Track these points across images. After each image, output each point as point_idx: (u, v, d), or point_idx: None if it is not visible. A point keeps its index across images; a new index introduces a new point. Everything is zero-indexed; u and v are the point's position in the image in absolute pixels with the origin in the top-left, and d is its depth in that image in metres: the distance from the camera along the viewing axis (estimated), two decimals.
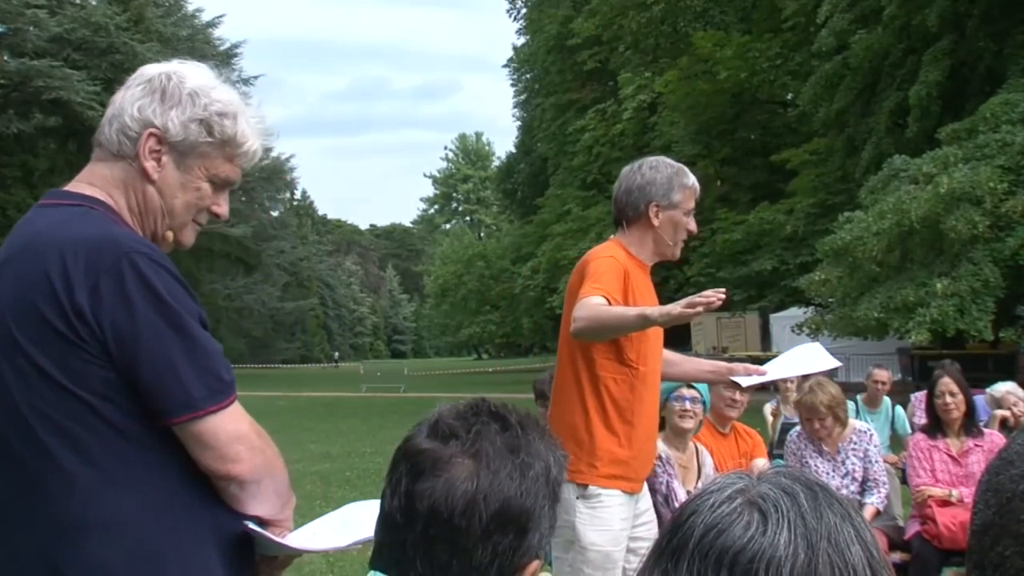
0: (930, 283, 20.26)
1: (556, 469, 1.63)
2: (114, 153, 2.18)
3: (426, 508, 1.53)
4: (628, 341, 3.90)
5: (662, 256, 4.22)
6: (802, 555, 1.07)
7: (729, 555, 1.07)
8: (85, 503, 1.93)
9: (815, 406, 6.41)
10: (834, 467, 6.48)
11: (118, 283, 1.93)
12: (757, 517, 1.10)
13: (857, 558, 1.09)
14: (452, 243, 72.34)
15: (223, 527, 2.05)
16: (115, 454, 1.95)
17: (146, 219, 2.19)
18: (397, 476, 1.59)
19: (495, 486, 1.54)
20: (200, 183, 2.20)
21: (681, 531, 1.12)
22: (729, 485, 1.15)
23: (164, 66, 2.24)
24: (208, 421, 1.98)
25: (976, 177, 20.20)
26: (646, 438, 4.03)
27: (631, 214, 4.14)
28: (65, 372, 1.93)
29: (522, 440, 1.60)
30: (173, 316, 1.97)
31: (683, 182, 4.17)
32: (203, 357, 2.00)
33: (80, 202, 2.13)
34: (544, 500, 1.59)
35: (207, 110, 2.16)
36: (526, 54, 59.03)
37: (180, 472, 2.00)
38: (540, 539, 1.60)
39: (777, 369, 4.56)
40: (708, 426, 6.22)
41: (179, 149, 2.16)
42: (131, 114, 2.15)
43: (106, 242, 1.98)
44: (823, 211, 30.46)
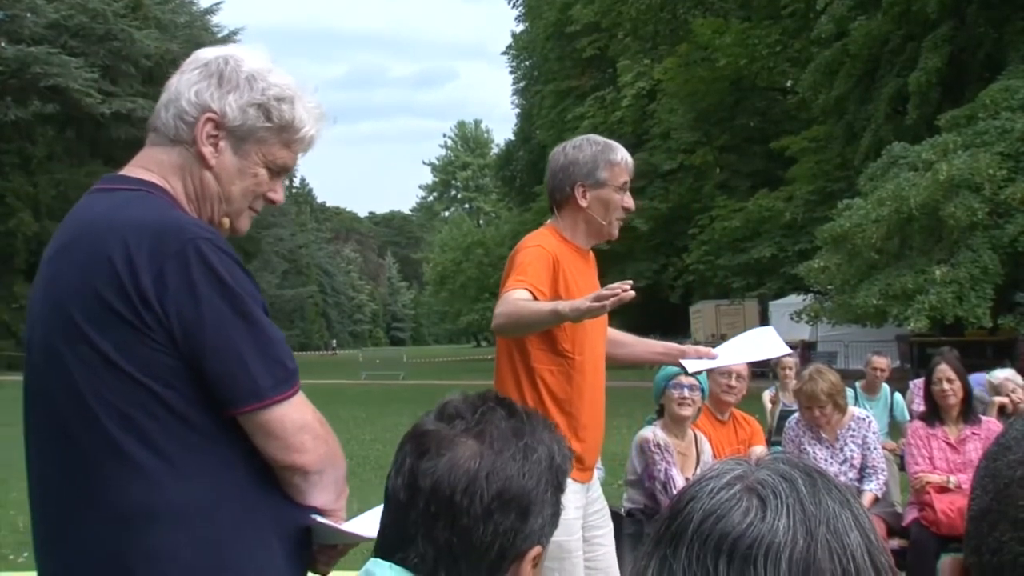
0: (929, 270, 20.29)
1: (560, 458, 1.64)
2: (171, 138, 2.13)
3: (428, 485, 1.54)
4: (562, 331, 3.78)
5: (598, 237, 4.06)
6: (801, 541, 1.08)
7: (728, 541, 1.07)
8: (149, 491, 1.91)
9: (815, 394, 6.41)
10: (832, 454, 6.48)
11: (183, 269, 1.90)
12: (756, 503, 1.10)
13: (855, 544, 1.09)
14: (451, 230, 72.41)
15: (284, 516, 2.03)
16: (179, 442, 1.93)
17: (203, 205, 2.15)
18: (402, 456, 1.60)
19: (497, 466, 1.55)
20: (257, 169, 2.16)
21: (680, 517, 1.12)
22: (728, 471, 1.15)
23: (221, 50, 2.19)
24: (274, 411, 1.95)
25: (975, 164, 20.22)
26: (591, 427, 3.91)
27: (559, 197, 3.99)
28: (129, 359, 1.90)
29: (527, 427, 1.60)
30: (239, 303, 1.94)
31: (609, 158, 3.96)
32: (269, 345, 1.98)
33: (138, 187, 2.09)
34: (546, 486, 1.60)
35: (265, 94, 2.12)
36: (525, 41, 59.00)
37: (243, 461, 1.98)
38: (543, 526, 1.61)
39: (728, 354, 4.44)
40: (706, 413, 6.23)
41: (237, 134, 2.12)
42: (188, 98, 2.11)
43: (170, 227, 1.95)
44: (822, 198, 30.49)
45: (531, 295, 3.57)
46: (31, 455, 2.10)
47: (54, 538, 2.03)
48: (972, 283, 20.01)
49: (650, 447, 5.71)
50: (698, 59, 38.80)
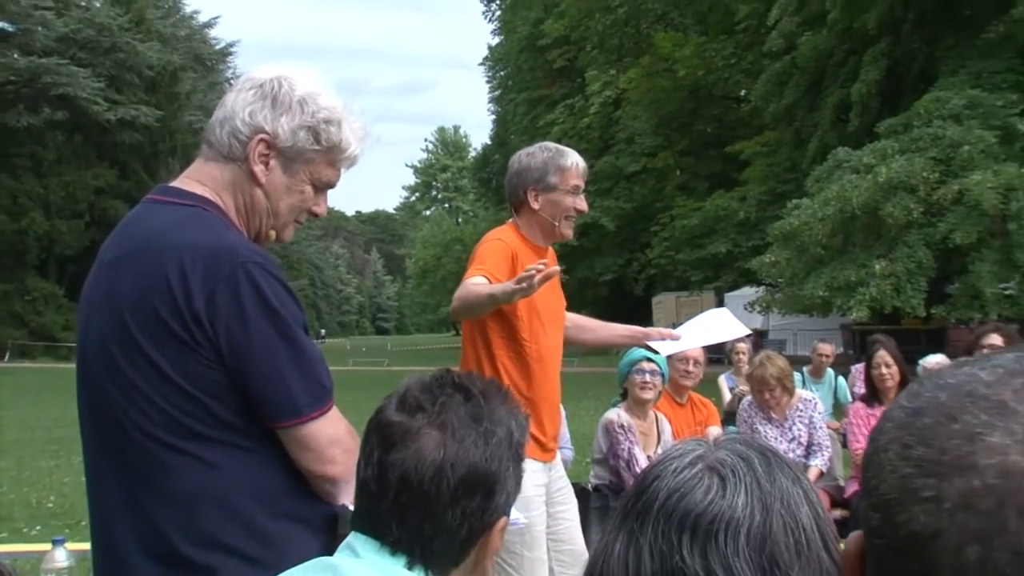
0: (869, 264, 20.42)
1: (518, 432, 1.63)
2: (224, 155, 2.10)
3: (397, 477, 1.53)
4: (519, 321, 3.78)
5: (551, 237, 4.02)
6: (758, 516, 1.08)
7: (691, 517, 1.07)
8: (199, 482, 1.93)
9: (765, 378, 6.45)
10: (782, 433, 6.51)
11: (234, 292, 1.90)
12: (716, 481, 1.10)
13: (806, 517, 1.10)
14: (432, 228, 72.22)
15: (316, 507, 2.04)
16: (224, 445, 1.94)
17: (252, 219, 2.13)
18: (369, 448, 1.58)
19: (461, 454, 1.54)
20: (304, 186, 2.14)
21: (646, 495, 1.12)
22: (689, 452, 1.15)
23: (275, 70, 2.15)
24: (310, 426, 1.96)
25: (911, 167, 20.36)
26: (547, 410, 3.89)
27: (515, 200, 3.98)
28: (181, 372, 1.90)
29: (484, 409, 1.59)
30: (283, 326, 1.94)
31: (559, 164, 3.92)
32: (308, 365, 1.98)
33: (193, 202, 2.06)
34: (508, 462, 1.59)
35: (315, 117, 2.09)
36: (500, 53, 58.93)
37: (282, 460, 1.99)
38: (507, 498, 1.60)
39: (690, 335, 4.42)
40: (667, 396, 6.24)
41: (287, 154, 2.09)
42: (243, 118, 2.08)
43: (223, 250, 1.94)
44: (773, 198, 30.61)
45: (487, 282, 3.54)
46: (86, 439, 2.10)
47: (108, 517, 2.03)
48: (908, 276, 20.15)
49: (615, 428, 5.72)
50: (660, 70, 38.84)
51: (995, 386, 0.72)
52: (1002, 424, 0.70)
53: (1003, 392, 0.72)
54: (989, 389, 0.72)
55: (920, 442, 0.73)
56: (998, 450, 0.69)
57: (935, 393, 0.76)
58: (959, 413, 0.72)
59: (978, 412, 0.71)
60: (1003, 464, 0.68)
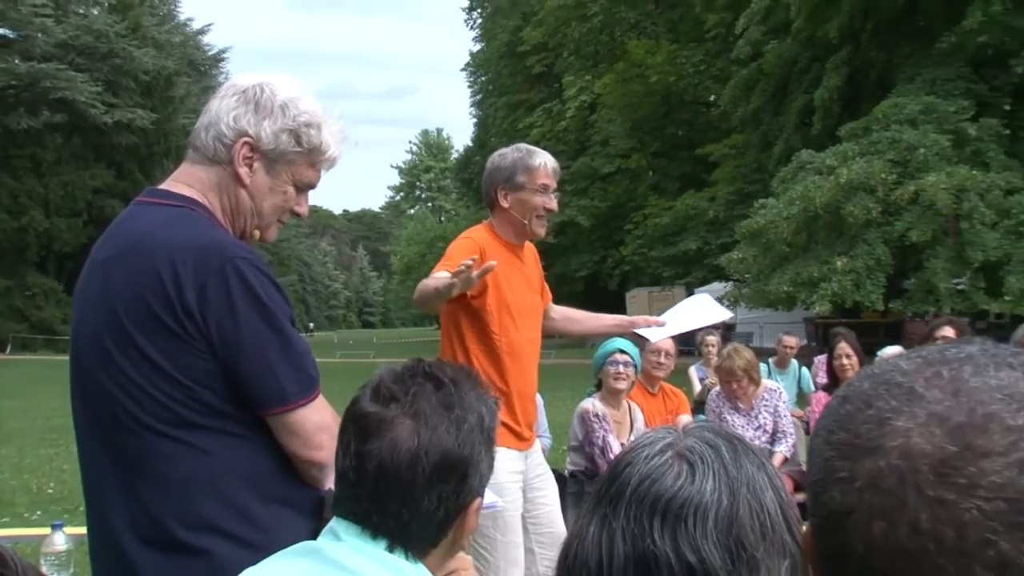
0: (831, 261, 20.51)
1: (489, 417, 1.63)
2: (210, 158, 2.10)
3: (374, 467, 1.53)
4: (489, 315, 3.77)
5: (523, 235, 4.00)
6: (725, 501, 1.08)
7: (662, 502, 1.08)
8: (191, 469, 1.93)
9: (733, 369, 6.47)
10: (748, 421, 6.54)
11: (223, 286, 1.90)
12: (686, 468, 1.10)
13: (770, 502, 1.10)
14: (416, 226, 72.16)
15: (304, 492, 2.04)
16: (216, 432, 1.94)
17: (237, 219, 2.13)
18: (347, 438, 1.58)
19: (434, 441, 1.54)
20: (286, 187, 2.14)
21: (618, 480, 1.13)
22: (660, 439, 1.16)
23: (256, 77, 2.16)
24: (297, 413, 1.97)
25: (870, 169, 20.46)
26: (521, 401, 3.88)
27: (488, 200, 3.98)
28: (173, 363, 1.91)
29: (455, 396, 1.59)
30: (271, 318, 1.95)
31: (528, 164, 3.89)
32: (295, 356, 1.98)
33: (181, 203, 2.07)
34: (480, 446, 1.59)
35: (296, 121, 2.09)
36: (481, 59, 58.79)
37: (272, 447, 1.99)
38: (480, 480, 1.61)
39: (675, 321, 4.42)
40: (639, 387, 6.25)
41: (270, 156, 2.10)
42: (227, 123, 2.08)
43: (212, 247, 1.94)
44: (740, 198, 30.69)
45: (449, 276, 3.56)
46: (80, 429, 2.10)
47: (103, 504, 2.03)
48: (868, 272, 20.25)
49: (590, 417, 5.73)
50: (633, 76, 38.86)
51: (910, 374, 0.74)
52: (908, 409, 0.71)
53: (916, 380, 0.73)
54: (904, 377, 0.74)
55: (840, 427, 0.75)
56: (902, 433, 0.70)
57: (861, 382, 0.77)
58: (874, 399, 0.74)
59: (889, 398, 0.73)
60: (905, 446, 0.70)
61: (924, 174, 20.23)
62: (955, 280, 20.07)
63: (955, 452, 0.68)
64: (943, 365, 0.73)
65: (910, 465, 0.69)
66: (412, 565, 1.54)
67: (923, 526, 0.68)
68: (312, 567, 1.53)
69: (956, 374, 0.72)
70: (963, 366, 0.73)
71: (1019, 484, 0.67)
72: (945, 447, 0.69)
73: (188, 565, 1.91)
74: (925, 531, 0.68)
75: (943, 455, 0.69)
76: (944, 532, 0.67)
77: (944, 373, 0.72)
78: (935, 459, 0.69)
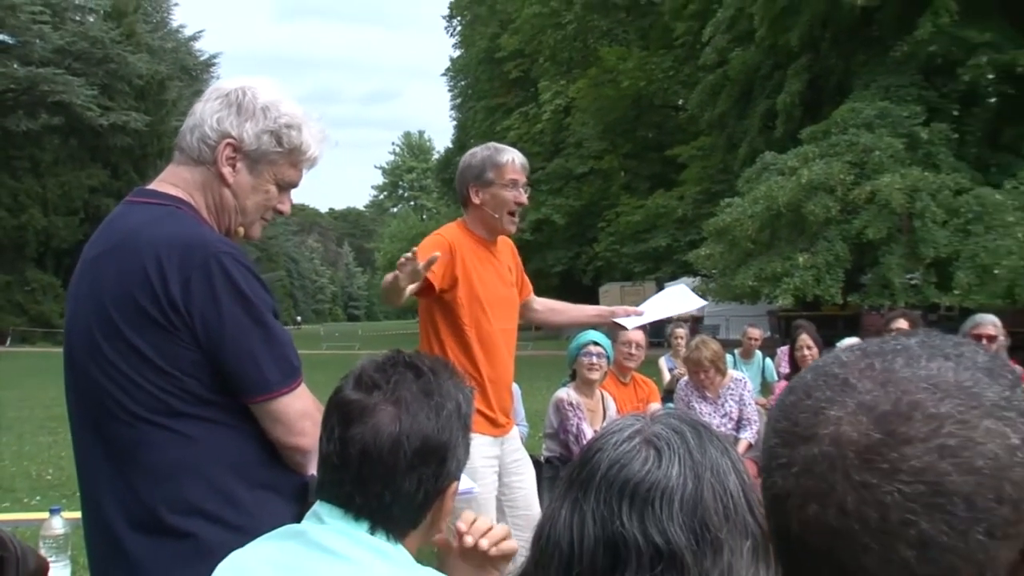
0: (793, 257, 20.60)
1: (465, 405, 1.64)
2: (195, 158, 2.10)
3: (358, 451, 1.53)
4: (460, 308, 3.78)
5: (495, 231, 3.98)
6: (690, 484, 1.09)
7: (630, 485, 1.08)
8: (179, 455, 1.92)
9: (700, 360, 6.50)
10: (715, 409, 6.56)
11: (207, 279, 1.90)
12: (653, 453, 1.11)
13: (733, 485, 1.11)
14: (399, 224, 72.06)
15: (288, 478, 2.03)
16: (202, 420, 1.94)
17: (221, 217, 2.12)
18: (331, 425, 1.58)
19: (415, 426, 1.54)
20: (269, 186, 2.14)
21: (589, 465, 1.13)
22: (628, 426, 1.16)
23: (239, 81, 2.15)
24: (280, 401, 1.96)
25: (829, 170, 20.56)
26: (495, 389, 3.88)
27: (462, 198, 3.97)
28: (159, 354, 1.90)
29: (434, 384, 1.60)
30: (253, 310, 1.94)
31: (496, 160, 3.89)
32: (277, 346, 1.98)
33: (167, 202, 2.06)
34: (458, 432, 1.60)
35: (277, 122, 2.09)
36: (461, 64, 58.64)
37: (257, 435, 1.99)
38: (457, 464, 1.61)
39: (653, 309, 4.43)
40: (612, 376, 6.27)
41: (252, 157, 2.09)
42: (211, 125, 2.08)
43: (196, 242, 1.94)
44: (707, 197, 30.76)
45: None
46: (73, 419, 2.09)
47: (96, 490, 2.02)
48: (827, 268, 20.34)
49: (564, 405, 5.73)
50: (605, 81, 38.85)
51: (847, 366, 0.75)
52: (840, 399, 0.72)
53: (851, 371, 0.74)
54: (841, 368, 0.75)
55: (783, 416, 0.76)
56: (833, 421, 0.72)
57: (806, 373, 0.78)
58: (813, 390, 0.75)
59: (826, 389, 0.74)
60: (835, 434, 0.71)
61: (880, 175, 20.34)
62: (908, 275, 20.19)
63: (879, 439, 0.69)
64: (878, 357, 0.74)
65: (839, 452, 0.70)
66: (392, 546, 1.54)
67: (849, 508, 0.69)
68: (296, 549, 1.53)
69: (888, 365, 0.73)
70: (896, 358, 0.73)
71: (939, 468, 0.68)
72: (871, 434, 0.70)
73: (177, 547, 1.91)
74: (851, 513, 0.69)
75: (868, 442, 0.70)
76: (868, 513, 0.69)
77: (877, 365, 0.73)
78: (861, 446, 0.70)
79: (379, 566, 1.49)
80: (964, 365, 0.72)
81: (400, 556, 1.54)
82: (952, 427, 0.68)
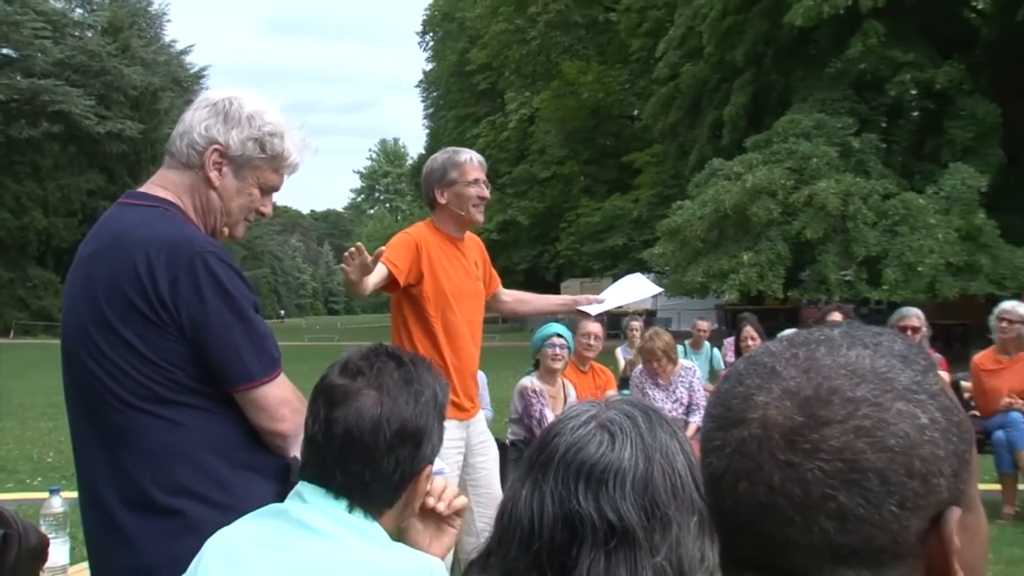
0: (739, 256, 20.72)
1: (441, 395, 1.64)
2: (184, 163, 2.08)
3: (341, 431, 1.53)
4: (426, 301, 3.76)
5: (464, 225, 3.96)
6: (641, 465, 1.09)
7: (586, 467, 1.09)
8: (168, 441, 1.92)
9: (653, 350, 6.52)
10: (667, 395, 6.60)
11: (193, 277, 1.89)
12: (607, 437, 1.11)
13: (681, 466, 1.12)
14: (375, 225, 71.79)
15: (271, 460, 2.03)
16: (189, 408, 1.93)
17: (207, 218, 2.11)
18: (316, 407, 1.58)
19: (395, 410, 1.54)
20: (252, 189, 2.12)
21: (548, 448, 1.13)
22: (584, 412, 1.17)
23: (226, 92, 2.14)
24: (261, 389, 1.95)
25: (771, 176, 20.70)
26: (460, 376, 3.86)
27: (428, 199, 3.97)
28: (148, 346, 1.89)
29: (414, 374, 1.60)
30: (236, 306, 1.93)
31: (455, 161, 3.90)
32: (258, 339, 1.97)
33: (156, 204, 2.05)
34: (433, 419, 1.60)
35: (261, 130, 2.08)
36: (433, 77, 58.52)
37: (240, 421, 1.98)
38: (432, 449, 1.61)
39: (613, 297, 4.43)
40: (572, 366, 6.28)
41: (237, 162, 2.08)
42: (199, 132, 2.06)
43: (183, 242, 1.93)
44: (660, 200, 30.85)
45: (384, 267, 3.55)
46: (70, 407, 2.08)
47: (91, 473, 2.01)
48: (769, 265, 20.48)
49: (528, 392, 5.74)
50: (567, 93, 38.93)
51: (775, 355, 0.76)
52: (767, 385, 0.73)
53: (778, 360, 0.75)
54: (770, 358, 0.76)
55: (718, 402, 0.77)
56: (761, 406, 0.73)
57: (739, 363, 0.80)
58: (744, 378, 0.76)
59: (755, 376, 0.75)
60: (763, 417, 0.72)
61: (816, 181, 20.50)
62: (843, 272, 20.37)
63: (802, 422, 0.70)
64: (803, 347, 0.75)
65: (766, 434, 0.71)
66: (369, 524, 1.54)
67: (776, 485, 0.70)
68: (279, 526, 1.52)
69: (811, 354, 0.74)
70: (819, 347, 0.74)
71: (855, 447, 0.69)
72: (794, 418, 0.71)
73: (168, 524, 1.91)
74: (777, 489, 0.70)
75: (792, 424, 0.71)
76: (792, 490, 0.70)
77: (801, 354, 0.74)
78: (785, 428, 0.71)
79: (356, 543, 1.49)
80: (880, 353, 0.73)
81: (376, 533, 1.54)
82: (867, 409, 0.70)
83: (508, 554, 1.11)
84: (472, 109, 50.80)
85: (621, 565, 1.05)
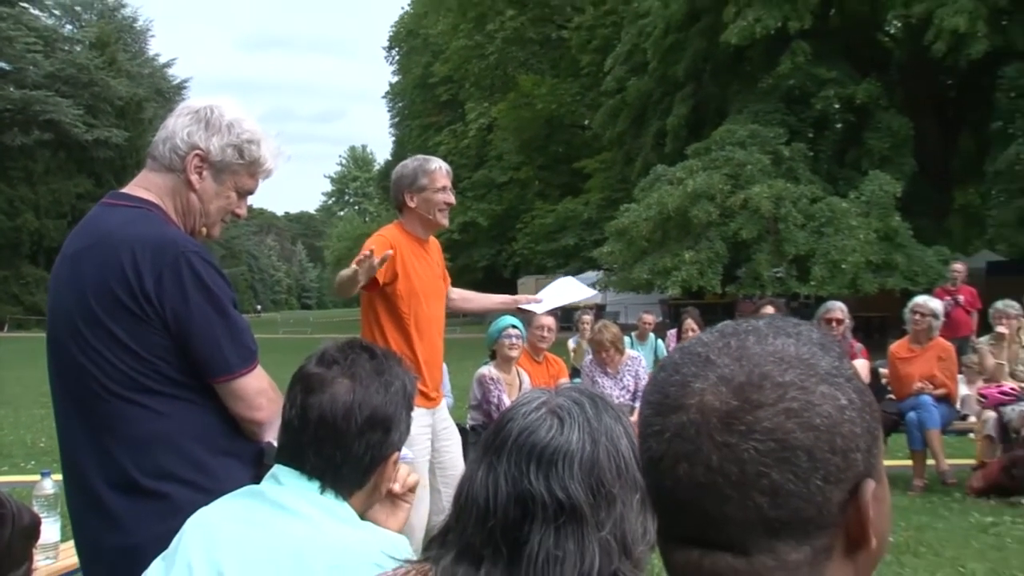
0: (681, 254, 20.84)
1: (410, 386, 1.65)
2: (166, 166, 2.06)
3: (316, 416, 1.53)
4: (399, 298, 3.75)
5: (430, 227, 3.96)
6: (588, 447, 1.10)
7: (537, 449, 1.10)
8: (152, 428, 1.90)
9: (602, 341, 6.56)
10: (615, 383, 6.64)
11: (177, 275, 1.88)
12: (556, 422, 1.12)
13: (625, 447, 1.13)
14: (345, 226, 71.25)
15: (247, 446, 2.02)
16: (172, 397, 1.92)
17: (187, 218, 2.09)
18: (294, 394, 1.58)
19: (366, 398, 1.55)
20: (230, 192, 2.11)
21: (502, 432, 1.14)
22: (536, 398, 1.17)
23: (207, 100, 2.12)
24: (240, 380, 1.95)
25: (710, 181, 20.85)
26: (428, 368, 3.88)
27: (397, 203, 3.95)
28: (134, 339, 1.88)
29: (385, 365, 1.61)
30: (216, 302, 1.93)
31: (426, 168, 3.88)
32: (237, 333, 1.96)
33: (140, 204, 2.02)
34: (401, 408, 1.61)
35: (240, 138, 2.07)
36: (398, 89, 58.11)
37: (220, 410, 1.97)
38: (399, 437, 1.62)
39: (549, 298, 4.44)
40: (526, 355, 6.30)
41: (217, 167, 2.06)
42: (181, 137, 2.05)
43: (167, 242, 1.92)
44: (609, 203, 30.91)
45: None
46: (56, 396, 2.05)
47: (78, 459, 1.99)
48: (709, 263, 20.63)
49: (486, 380, 5.76)
50: (522, 104, 38.87)
51: (708, 345, 0.77)
52: (703, 373, 0.74)
53: (711, 349, 0.76)
54: (703, 347, 0.77)
55: (656, 390, 0.78)
56: (698, 393, 0.73)
57: (674, 353, 0.80)
58: (680, 366, 0.76)
59: (691, 365, 0.76)
60: (700, 403, 0.73)
61: (751, 185, 20.69)
62: (775, 269, 20.58)
63: (737, 405, 0.71)
64: (733, 337, 0.76)
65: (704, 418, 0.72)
66: (339, 504, 1.54)
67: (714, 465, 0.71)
68: (255, 506, 1.52)
69: (741, 343, 0.75)
70: (748, 337, 0.75)
71: (785, 427, 0.70)
72: (730, 402, 0.71)
73: (152, 505, 1.90)
74: (715, 469, 0.71)
75: (728, 408, 0.71)
76: (729, 469, 0.70)
77: (732, 343, 0.75)
78: (722, 412, 0.71)
79: (327, 522, 1.50)
80: (802, 341, 0.75)
81: (346, 513, 1.54)
82: (795, 392, 0.71)
83: (465, 530, 1.11)
84: (435, 119, 50.59)
85: (569, 539, 1.06)
